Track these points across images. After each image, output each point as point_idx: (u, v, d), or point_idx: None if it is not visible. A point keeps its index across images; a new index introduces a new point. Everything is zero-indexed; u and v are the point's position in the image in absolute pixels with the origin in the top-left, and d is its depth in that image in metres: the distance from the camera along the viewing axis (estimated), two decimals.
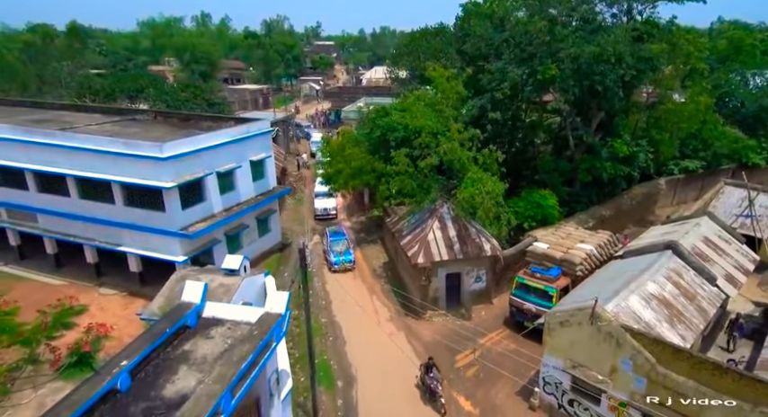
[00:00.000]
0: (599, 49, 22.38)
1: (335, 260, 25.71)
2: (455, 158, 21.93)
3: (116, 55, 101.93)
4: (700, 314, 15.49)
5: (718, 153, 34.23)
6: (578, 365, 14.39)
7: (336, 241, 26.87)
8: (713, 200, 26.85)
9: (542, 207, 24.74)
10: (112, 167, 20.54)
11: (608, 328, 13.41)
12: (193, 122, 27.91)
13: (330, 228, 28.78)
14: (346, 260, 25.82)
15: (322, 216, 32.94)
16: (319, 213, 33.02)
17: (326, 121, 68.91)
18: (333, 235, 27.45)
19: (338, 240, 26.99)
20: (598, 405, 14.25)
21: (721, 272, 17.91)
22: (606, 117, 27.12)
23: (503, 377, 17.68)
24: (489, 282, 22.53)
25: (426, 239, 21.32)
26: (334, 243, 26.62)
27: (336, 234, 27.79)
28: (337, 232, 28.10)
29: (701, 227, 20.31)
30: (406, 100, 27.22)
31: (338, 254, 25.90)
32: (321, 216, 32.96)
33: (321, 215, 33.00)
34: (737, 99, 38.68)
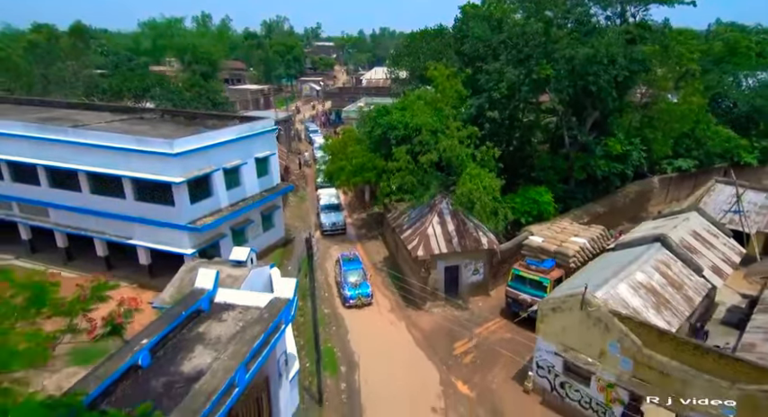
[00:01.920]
0: (593, 51, 23.24)
1: (351, 294, 22.35)
2: (454, 155, 22.76)
3: (117, 55, 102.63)
4: (686, 302, 16.32)
5: (710, 152, 35.10)
6: (569, 349, 15.20)
7: (351, 271, 23.27)
8: (704, 197, 27.75)
9: (538, 203, 25.56)
10: (123, 163, 21.32)
11: (597, 313, 14.23)
12: (200, 120, 28.69)
13: (344, 255, 24.93)
14: (363, 294, 22.43)
15: (330, 231, 30.20)
16: (327, 228, 30.21)
17: (327, 121, 69.79)
18: (347, 264, 23.82)
19: (353, 270, 23.35)
20: (588, 386, 15.06)
21: (708, 264, 18.74)
22: (600, 116, 27.96)
23: (498, 363, 18.56)
24: (486, 275, 23.35)
25: (426, 233, 22.13)
26: (349, 274, 23.12)
27: (351, 262, 24.11)
28: (351, 260, 24.35)
29: (689, 222, 21.15)
30: (407, 99, 28.06)
31: (353, 287, 22.56)
32: (329, 231, 30.19)
33: (329, 230, 30.20)
34: (730, 99, 39.54)
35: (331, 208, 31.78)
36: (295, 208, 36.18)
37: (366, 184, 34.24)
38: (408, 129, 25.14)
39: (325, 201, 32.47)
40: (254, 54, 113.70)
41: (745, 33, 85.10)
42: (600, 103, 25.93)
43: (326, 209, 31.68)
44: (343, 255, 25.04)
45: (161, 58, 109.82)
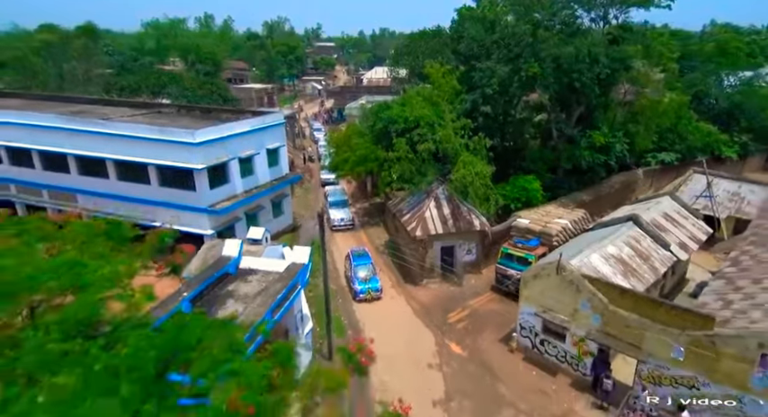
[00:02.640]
0: (576, 51, 25.44)
1: (361, 288, 23.08)
2: (449, 144, 24.97)
3: (122, 55, 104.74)
4: (651, 271, 18.53)
5: (692, 146, 37.26)
6: (547, 309, 17.41)
7: (361, 266, 23.97)
8: (682, 186, 29.96)
9: (527, 190, 27.78)
10: (149, 152, 23.53)
11: (570, 277, 16.43)
12: (214, 115, 30.91)
13: (354, 251, 25.56)
14: (373, 288, 23.17)
15: (339, 226, 31.75)
16: (336, 223, 31.73)
17: (330, 119, 71.98)
18: (357, 259, 24.49)
19: (363, 265, 24.07)
20: (563, 342, 17.28)
21: (675, 240, 20.93)
22: (586, 111, 30.16)
23: (487, 329, 20.80)
24: (479, 254, 25.55)
25: (424, 216, 24.33)
26: (359, 269, 23.79)
27: (360, 257, 24.77)
28: (361, 255, 25.01)
29: (661, 205, 23.37)
30: (406, 95, 30.21)
31: (363, 282, 23.26)
32: (338, 226, 31.75)
33: (338, 225, 31.75)
34: (711, 97, 41.69)
35: (339, 205, 33.09)
36: (301, 198, 38.36)
37: (368, 175, 36.45)
38: (408, 123, 27.30)
39: (333, 198, 33.69)
40: (257, 54, 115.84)
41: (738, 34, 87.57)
42: (584, 98, 28.15)
43: (335, 206, 33.03)
44: (353, 251, 25.65)
45: (165, 58, 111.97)
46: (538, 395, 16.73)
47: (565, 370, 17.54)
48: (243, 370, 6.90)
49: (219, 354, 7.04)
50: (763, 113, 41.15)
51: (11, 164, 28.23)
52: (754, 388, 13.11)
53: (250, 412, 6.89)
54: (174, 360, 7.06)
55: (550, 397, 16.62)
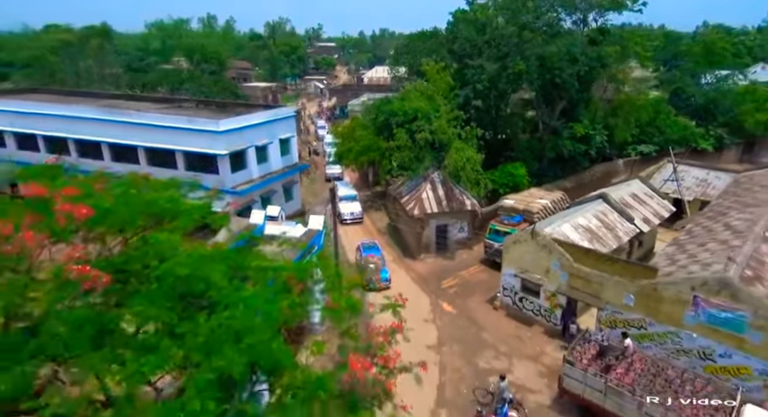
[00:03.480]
0: (557, 50, 28.48)
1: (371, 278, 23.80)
2: (444, 135, 27.99)
3: (128, 55, 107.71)
4: (615, 239, 21.58)
5: (669, 139, 40.29)
6: (525, 270, 20.43)
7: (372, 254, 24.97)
8: (655, 173, 33.00)
9: (514, 176, 30.83)
10: (177, 139, 26.53)
11: (543, 241, 19.46)
12: (229, 109, 33.91)
13: (364, 243, 26.58)
14: (382, 278, 23.71)
15: (349, 220, 33.11)
16: (346, 217, 33.01)
17: (332, 116, 75.03)
18: (366, 251, 25.50)
19: (373, 253, 25.13)
20: (538, 298, 20.31)
21: (640, 216, 23.97)
22: (568, 105, 33.20)
23: (475, 293, 23.82)
24: (470, 233, 28.58)
25: (421, 197, 27.35)
26: (369, 259, 24.76)
27: (370, 248, 25.85)
28: (371, 246, 26.09)
29: (630, 186, 26.43)
30: (405, 91, 33.21)
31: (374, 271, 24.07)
32: (348, 220, 33.07)
33: (348, 219, 33.09)
34: (688, 93, 44.71)
35: (349, 199, 34.90)
36: (308, 187, 41.41)
37: (370, 166, 39.48)
38: (407, 115, 30.30)
39: (343, 193, 34.91)
40: (260, 54, 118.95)
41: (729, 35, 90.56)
42: (565, 93, 31.19)
43: (345, 200, 34.70)
44: (363, 243, 26.61)
45: (169, 58, 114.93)
46: (515, 341, 19.76)
47: (539, 322, 20.57)
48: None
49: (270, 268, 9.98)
50: (737, 109, 44.23)
51: (46, 152, 31.17)
52: (688, 324, 16.11)
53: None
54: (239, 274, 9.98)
55: (526, 342, 19.66)
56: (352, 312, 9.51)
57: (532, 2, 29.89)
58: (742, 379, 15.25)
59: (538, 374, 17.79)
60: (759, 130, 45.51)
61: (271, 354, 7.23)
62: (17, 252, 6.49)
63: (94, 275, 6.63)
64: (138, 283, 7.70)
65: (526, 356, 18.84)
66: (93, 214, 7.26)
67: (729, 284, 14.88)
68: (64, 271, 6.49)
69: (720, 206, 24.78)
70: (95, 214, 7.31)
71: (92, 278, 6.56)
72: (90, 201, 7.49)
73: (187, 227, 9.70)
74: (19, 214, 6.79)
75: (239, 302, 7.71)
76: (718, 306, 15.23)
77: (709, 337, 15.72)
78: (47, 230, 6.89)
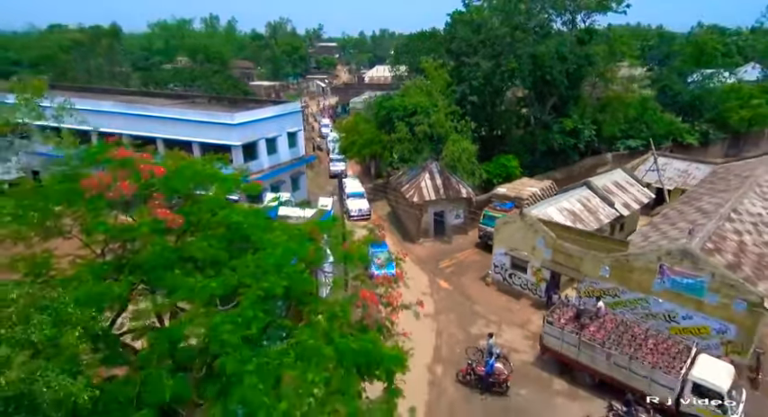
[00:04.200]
0: (547, 49, 30.62)
1: (377, 272, 23.94)
2: (442, 128, 30.10)
3: (133, 54, 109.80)
4: (596, 221, 23.73)
5: (656, 134, 42.40)
6: (514, 249, 22.56)
7: (378, 252, 24.47)
8: (640, 165, 35.15)
9: (507, 167, 32.97)
10: (195, 131, 28.63)
11: (530, 221, 21.59)
12: (240, 104, 36.00)
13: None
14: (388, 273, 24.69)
15: (357, 216, 33.19)
16: (354, 214, 33.19)
17: (334, 114, 77.11)
18: (375, 247, 25.58)
19: (380, 251, 24.84)
20: (525, 273, 22.44)
21: (621, 201, 26.12)
22: (559, 101, 35.34)
23: (470, 272, 25.97)
24: (466, 219, 30.71)
25: (420, 185, 29.47)
26: (376, 255, 24.67)
27: (378, 245, 25.09)
28: (379, 243, 25.87)
29: (613, 175, 28.59)
30: (406, 88, 35.32)
31: (380, 267, 24.01)
32: (356, 216, 33.18)
33: (356, 215, 33.20)
34: (674, 91, 46.84)
35: (357, 196, 35.70)
36: (313, 180, 43.53)
37: (372, 159, 41.61)
38: (406, 110, 32.41)
39: (350, 190, 35.46)
40: (262, 53, 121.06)
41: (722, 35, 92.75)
42: (556, 90, 33.33)
43: (353, 197, 35.48)
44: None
45: (173, 58, 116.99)
46: (505, 312, 21.90)
47: (526, 295, 22.71)
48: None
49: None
50: (722, 106, 46.38)
51: None
52: (655, 291, 18.25)
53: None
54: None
55: (514, 312, 21.80)
56: (361, 261, 11.65)
57: (524, 4, 31.99)
58: (702, 338, 17.41)
59: (524, 338, 19.94)
60: (743, 126, 47.70)
61: (302, 281, 9.38)
62: (118, 196, 8.62)
63: (173, 217, 8.76)
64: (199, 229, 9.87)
65: (514, 324, 20.99)
66: (166, 174, 9.40)
67: (690, 253, 17.02)
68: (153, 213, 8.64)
69: (695, 193, 26.98)
70: (166, 174, 9.45)
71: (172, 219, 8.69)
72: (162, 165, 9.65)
73: (227, 191, 11.82)
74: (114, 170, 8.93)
75: (277, 245, 9.88)
76: (681, 274, 17.38)
77: (674, 301, 17.87)
78: (135, 182, 9.02)
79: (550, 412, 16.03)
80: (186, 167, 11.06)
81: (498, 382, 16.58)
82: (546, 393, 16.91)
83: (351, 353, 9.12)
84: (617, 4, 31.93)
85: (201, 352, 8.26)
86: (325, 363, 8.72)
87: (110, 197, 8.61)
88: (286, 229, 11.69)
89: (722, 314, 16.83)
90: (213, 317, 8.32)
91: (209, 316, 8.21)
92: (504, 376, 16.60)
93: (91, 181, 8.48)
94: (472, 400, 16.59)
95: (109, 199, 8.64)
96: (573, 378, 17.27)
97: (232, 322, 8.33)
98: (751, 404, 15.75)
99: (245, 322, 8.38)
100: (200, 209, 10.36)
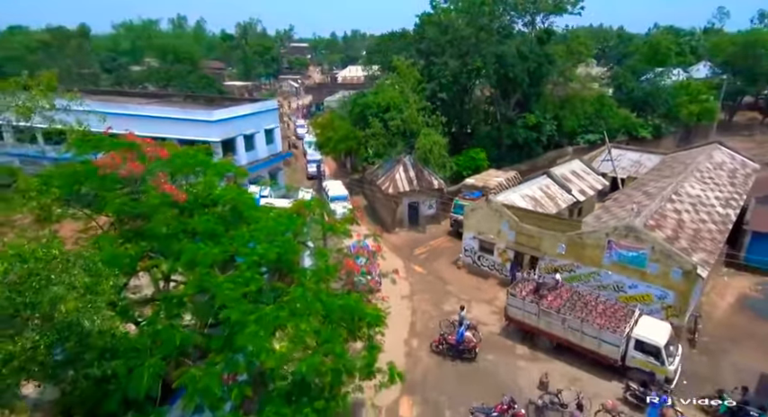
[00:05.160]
0: (509, 49, 32.75)
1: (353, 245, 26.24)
2: (414, 124, 31.79)
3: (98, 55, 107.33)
4: (555, 206, 25.90)
5: (612, 128, 45.41)
6: (482, 233, 24.43)
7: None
8: (597, 156, 37.79)
9: (475, 159, 34.99)
10: (174, 128, 29.36)
11: (495, 207, 23.50)
12: (216, 102, 36.82)
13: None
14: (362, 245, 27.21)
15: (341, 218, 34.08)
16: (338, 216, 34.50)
17: (308, 113, 77.99)
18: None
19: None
20: (492, 255, 24.35)
21: (577, 188, 28.42)
22: (522, 98, 37.62)
23: (442, 257, 27.73)
24: (438, 210, 32.50)
25: (394, 177, 31.08)
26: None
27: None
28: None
29: (571, 165, 30.95)
30: (378, 85, 36.92)
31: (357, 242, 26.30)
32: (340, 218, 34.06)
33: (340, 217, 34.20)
34: (629, 88, 50.09)
35: (340, 200, 34.51)
36: (290, 176, 44.59)
37: (347, 156, 42.99)
38: (380, 107, 33.98)
39: (334, 193, 34.73)
40: (233, 54, 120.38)
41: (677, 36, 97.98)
42: (519, 87, 35.54)
43: (336, 200, 34.43)
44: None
45: (140, 59, 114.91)
46: (474, 290, 23.74)
47: (494, 275, 24.62)
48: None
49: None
50: (673, 101, 49.89)
51: (45, 144, 33.38)
52: (605, 264, 20.39)
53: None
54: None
55: (483, 291, 23.67)
56: (344, 235, 13.16)
57: (488, 6, 34.05)
58: (646, 304, 19.63)
59: (491, 312, 21.79)
60: (692, 120, 51.43)
61: (292, 248, 10.80)
62: (127, 175, 9.85)
63: (178, 193, 10.04)
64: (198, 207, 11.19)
65: (482, 300, 22.85)
66: (169, 156, 10.67)
67: (633, 229, 19.20)
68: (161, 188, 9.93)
69: (644, 179, 29.60)
70: (169, 157, 10.73)
71: (177, 194, 9.99)
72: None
73: (219, 175, 13.10)
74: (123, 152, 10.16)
75: (268, 219, 11.28)
76: (626, 247, 19.56)
77: (621, 273, 20.05)
78: (142, 163, 10.26)
79: (514, 372, 17.88)
80: (182, 154, 12.30)
81: (468, 349, 18.31)
82: (510, 357, 18.77)
83: (337, 309, 10.61)
84: (572, 6, 34.40)
85: (207, 306, 9.58)
86: (315, 317, 10.19)
87: (121, 175, 9.82)
88: (274, 209, 13.10)
89: (662, 282, 19.07)
90: (217, 278, 9.67)
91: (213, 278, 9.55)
92: (473, 343, 18.35)
93: (105, 160, 9.69)
94: (444, 366, 18.28)
95: (121, 177, 9.87)
96: (534, 344, 19.20)
97: (233, 281, 9.70)
98: (689, 362, 18.08)
99: (244, 281, 9.76)
100: (196, 189, 11.65)
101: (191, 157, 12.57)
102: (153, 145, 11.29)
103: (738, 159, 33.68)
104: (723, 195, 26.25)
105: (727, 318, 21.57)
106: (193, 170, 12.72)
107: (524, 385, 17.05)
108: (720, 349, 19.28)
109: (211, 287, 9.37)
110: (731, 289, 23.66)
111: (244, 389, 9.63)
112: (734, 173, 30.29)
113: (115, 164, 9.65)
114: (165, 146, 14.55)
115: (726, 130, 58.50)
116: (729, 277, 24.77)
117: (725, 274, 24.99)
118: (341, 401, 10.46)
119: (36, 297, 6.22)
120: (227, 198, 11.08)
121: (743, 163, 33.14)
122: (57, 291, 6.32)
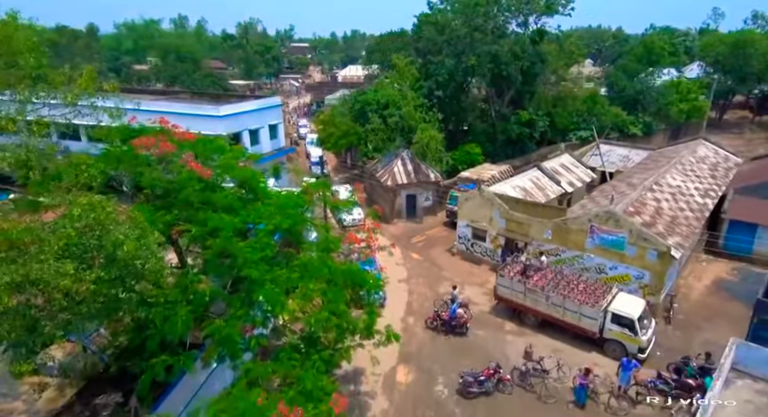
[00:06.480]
0: (502, 48, 34.31)
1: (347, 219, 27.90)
2: (412, 120, 33.37)
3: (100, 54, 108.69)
4: (544, 197, 27.49)
5: (604, 125, 46.92)
6: (475, 221, 25.99)
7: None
8: (588, 151, 39.39)
9: (471, 154, 36.56)
10: (182, 122, 30.62)
11: (487, 196, 25.06)
12: (223, 99, 38.38)
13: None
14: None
15: (349, 225, 30.67)
16: (347, 223, 30.94)
17: (308, 111, 79.49)
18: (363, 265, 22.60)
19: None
20: (485, 242, 25.91)
21: (566, 180, 30.00)
22: (516, 96, 39.18)
23: (438, 245, 29.29)
24: (435, 201, 34.07)
25: (393, 171, 32.63)
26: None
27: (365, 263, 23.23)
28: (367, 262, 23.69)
29: (560, 158, 32.54)
30: (378, 84, 38.48)
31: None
32: (349, 226, 30.59)
33: (349, 225, 30.69)
34: (621, 86, 51.62)
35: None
36: (292, 172, 46.12)
37: (347, 151, 44.57)
38: (380, 104, 35.55)
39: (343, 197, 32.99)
40: (234, 54, 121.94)
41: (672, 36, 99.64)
42: (512, 85, 37.10)
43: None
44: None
45: (142, 58, 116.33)
46: (467, 275, 25.30)
47: (486, 261, 26.18)
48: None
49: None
50: (663, 99, 51.43)
51: (58, 139, 34.79)
52: (588, 248, 21.95)
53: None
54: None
55: (475, 275, 25.23)
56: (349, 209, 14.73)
57: (482, 7, 35.60)
58: (625, 284, 21.18)
59: (482, 294, 23.35)
60: (682, 118, 53.00)
61: (303, 221, 12.37)
62: (160, 154, 11.44)
63: (202, 170, 11.62)
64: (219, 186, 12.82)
65: (475, 283, 24.41)
66: (194, 139, 12.26)
67: (613, 214, 20.76)
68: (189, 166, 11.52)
69: (630, 172, 31.18)
70: (195, 140, 12.31)
71: (202, 170, 11.58)
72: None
73: (236, 158, 14.67)
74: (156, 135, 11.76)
75: (280, 197, 12.86)
76: (606, 231, 21.12)
77: (602, 256, 21.61)
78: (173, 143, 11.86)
79: (502, 345, 19.45)
80: (203, 140, 13.88)
81: (460, 324, 19.87)
82: (499, 332, 20.34)
83: (341, 273, 12.18)
84: (563, 7, 35.94)
85: (228, 268, 11.15)
86: (322, 279, 11.76)
87: (155, 154, 11.40)
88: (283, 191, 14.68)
89: (639, 263, 20.63)
90: (238, 244, 11.24)
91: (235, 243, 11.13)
92: (464, 319, 19.92)
93: (141, 141, 11.28)
94: (438, 340, 19.85)
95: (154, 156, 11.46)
96: (521, 321, 20.77)
97: (252, 247, 11.26)
98: (664, 337, 19.66)
99: (261, 247, 11.33)
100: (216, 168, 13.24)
101: (210, 142, 14.15)
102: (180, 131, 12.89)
103: (722, 153, 35.26)
104: (703, 186, 27.84)
105: (703, 299, 23.13)
106: (213, 153, 14.30)
107: (511, 356, 18.61)
108: (694, 325, 20.84)
109: (234, 250, 10.92)
110: (708, 273, 25.23)
111: (261, 340, 11.22)
112: (715, 167, 31.87)
113: (150, 144, 11.20)
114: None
115: (716, 128, 60.07)
116: (708, 262, 26.34)
117: (704, 260, 26.57)
118: (344, 353, 12.02)
119: (101, 240, 7.76)
120: (246, 175, 12.68)
121: (726, 157, 34.72)
122: (118, 236, 7.85)
